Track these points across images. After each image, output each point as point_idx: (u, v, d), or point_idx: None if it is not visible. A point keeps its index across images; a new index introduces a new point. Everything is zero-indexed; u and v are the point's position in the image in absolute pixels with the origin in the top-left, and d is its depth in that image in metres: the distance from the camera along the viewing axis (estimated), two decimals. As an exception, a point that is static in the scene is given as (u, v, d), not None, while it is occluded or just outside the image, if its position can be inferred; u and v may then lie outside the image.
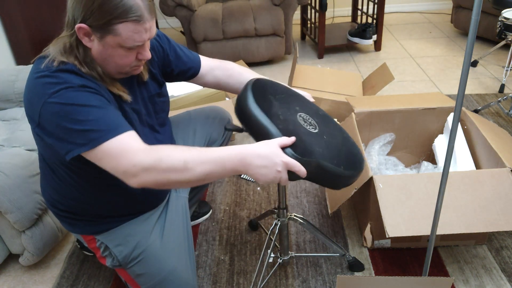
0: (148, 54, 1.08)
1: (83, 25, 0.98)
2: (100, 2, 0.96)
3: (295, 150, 1.00)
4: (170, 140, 1.36)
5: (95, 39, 1.01)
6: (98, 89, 1.02)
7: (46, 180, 1.23)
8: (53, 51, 1.03)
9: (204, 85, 1.42)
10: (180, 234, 1.31)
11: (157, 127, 1.28)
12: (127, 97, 1.11)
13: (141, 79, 1.20)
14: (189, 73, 1.37)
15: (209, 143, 1.52)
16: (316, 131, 1.13)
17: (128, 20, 0.98)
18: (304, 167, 1.00)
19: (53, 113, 0.97)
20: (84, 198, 1.19)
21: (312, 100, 1.31)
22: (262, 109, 1.06)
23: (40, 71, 1.01)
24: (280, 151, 0.98)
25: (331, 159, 1.06)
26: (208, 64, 1.40)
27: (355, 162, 1.12)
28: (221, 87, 1.42)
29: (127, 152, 0.96)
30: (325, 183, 1.09)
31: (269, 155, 0.97)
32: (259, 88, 1.14)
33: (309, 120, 1.15)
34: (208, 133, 1.52)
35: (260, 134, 1.04)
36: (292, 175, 1.01)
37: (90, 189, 1.18)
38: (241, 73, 1.39)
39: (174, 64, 1.32)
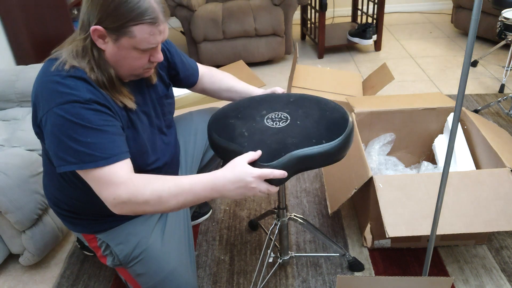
0: (160, 56, 1.09)
1: (98, 27, 0.98)
2: (116, 4, 0.96)
3: (262, 160, 1.03)
4: (175, 143, 1.37)
5: (109, 41, 1.01)
6: (105, 103, 1.03)
7: (49, 178, 1.23)
8: (65, 53, 1.04)
9: (193, 90, 1.47)
10: (180, 234, 1.31)
11: (165, 129, 1.29)
12: (132, 105, 1.11)
13: (150, 82, 1.21)
14: (191, 80, 1.41)
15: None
16: (287, 123, 1.16)
17: (143, 22, 0.98)
18: (280, 168, 1.02)
19: (55, 124, 0.98)
20: (87, 198, 1.19)
21: (281, 91, 1.35)
22: (225, 138, 1.13)
23: (50, 74, 1.01)
24: (248, 168, 1.00)
25: (309, 141, 1.07)
26: (201, 71, 1.45)
27: (338, 128, 1.11)
28: (204, 92, 1.48)
29: (110, 185, 1.00)
30: (319, 165, 1.09)
31: (238, 177, 0.99)
32: (218, 120, 1.22)
33: (279, 117, 1.19)
34: None
35: (231, 159, 1.10)
36: (276, 181, 1.04)
37: (93, 192, 1.18)
38: (222, 79, 1.45)
39: (180, 68, 1.34)
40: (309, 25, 3.66)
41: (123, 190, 0.99)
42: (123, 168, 1.01)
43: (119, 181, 1.00)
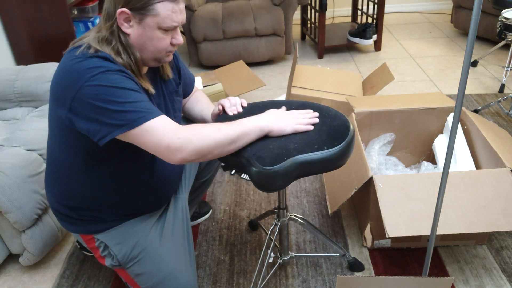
0: (181, 39, 1.14)
1: (124, 9, 1.04)
2: None
3: (264, 163, 1.04)
4: None
5: (134, 24, 1.06)
6: (131, 77, 1.07)
7: (54, 177, 1.23)
8: (90, 38, 1.08)
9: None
10: (179, 234, 1.31)
11: None
12: (152, 90, 1.16)
13: (167, 75, 1.25)
14: (186, 90, 1.43)
15: None
16: None
17: None
18: (281, 173, 1.04)
19: (92, 95, 1.00)
20: (93, 193, 1.20)
21: (228, 103, 1.30)
22: None
23: (76, 57, 1.04)
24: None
25: (310, 147, 1.08)
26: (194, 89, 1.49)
27: (340, 135, 1.13)
28: (184, 113, 1.51)
29: (169, 128, 1.03)
30: (320, 171, 1.10)
31: (282, 111, 1.19)
32: None
33: None
34: None
35: (236, 163, 1.14)
36: (279, 184, 1.06)
37: (100, 185, 1.19)
38: (198, 101, 1.46)
39: (182, 74, 1.36)
40: (309, 25, 3.66)
41: (186, 129, 1.04)
42: (169, 119, 1.05)
43: (176, 125, 1.04)
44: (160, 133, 1.02)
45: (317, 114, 1.20)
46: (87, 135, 1.05)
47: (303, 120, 1.16)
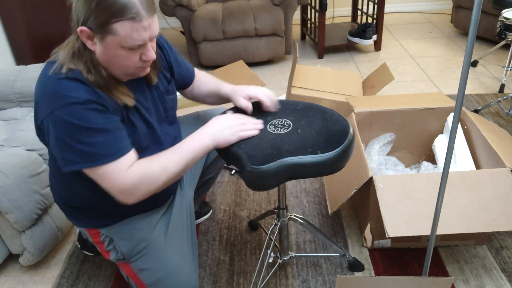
0: (152, 55, 1.06)
1: (84, 28, 0.98)
2: (96, 2, 0.95)
3: (253, 162, 1.05)
4: (179, 139, 1.36)
5: (97, 41, 1.01)
6: (103, 103, 1.03)
7: (55, 176, 1.25)
8: (62, 56, 1.04)
9: (185, 95, 1.48)
10: (184, 231, 1.32)
11: (167, 125, 1.30)
12: (131, 102, 1.11)
13: (150, 82, 1.20)
14: (186, 81, 1.41)
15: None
16: (289, 130, 1.18)
17: (124, 18, 0.96)
18: (270, 173, 1.05)
19: (58, 127, 1.00)
20: (93, 195, 1.20)
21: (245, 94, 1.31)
22: None
23: (48, 77, 1.02)
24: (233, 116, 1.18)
25: (304, 149, 1.08)
26: (196, 75, 1.45)
27: (336, 141, 1.11)
28: (194, 98, 1.48)
29: (120, 175, 1.05)
30: (312, 175, 1.09)
31: (222, 117, 1.18)
32: None
33: (281, 123, 1.21)
34: None
35: (231, 159, 1.16)
36: (271, 182, 1.07)
37: (97, 189, 1.19)
38: (206, 83, 1.44)
39: (176, 69, 1.34)
40: (309, 25, 3.66)
41: (132, 176, 1.05)
42: (126, 162, 1.06)
43: (124, 173, 1.05)
44: (111, 181, 1.05)
45: (260, 121, 1.20)
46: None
47: (247, 126, 1.16)
